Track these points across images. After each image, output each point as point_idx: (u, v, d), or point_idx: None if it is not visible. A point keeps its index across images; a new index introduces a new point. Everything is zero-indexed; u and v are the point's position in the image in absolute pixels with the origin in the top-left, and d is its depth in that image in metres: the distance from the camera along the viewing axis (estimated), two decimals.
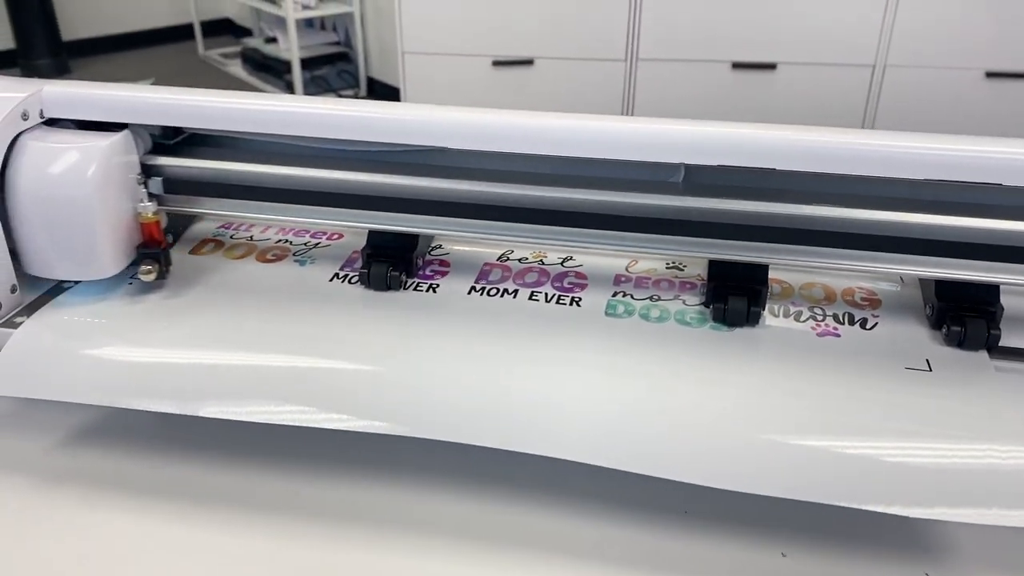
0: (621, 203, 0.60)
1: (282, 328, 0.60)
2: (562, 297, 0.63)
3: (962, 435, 0.49)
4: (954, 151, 0.53)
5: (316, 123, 0.61)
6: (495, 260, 0.68)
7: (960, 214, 0.56)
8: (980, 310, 0.57)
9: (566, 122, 0.58)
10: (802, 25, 2.14)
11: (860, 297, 0.63)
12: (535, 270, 0.67)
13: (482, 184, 0.62)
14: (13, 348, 0.58)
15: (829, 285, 0.64)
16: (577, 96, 2.29)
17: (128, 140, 0.63)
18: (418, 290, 0.64)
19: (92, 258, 0.61)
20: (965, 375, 0.54)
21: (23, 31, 3.59)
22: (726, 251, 0.60)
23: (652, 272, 0.66)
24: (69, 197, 0.59)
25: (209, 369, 0.57)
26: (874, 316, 0.60)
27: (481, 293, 0.64)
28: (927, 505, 0.45)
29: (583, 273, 0.66)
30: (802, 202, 0.58)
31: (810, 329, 0.59)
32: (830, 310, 0.61)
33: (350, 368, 0.56)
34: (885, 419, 0.50)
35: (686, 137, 0.56)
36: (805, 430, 0.50)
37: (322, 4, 3.37)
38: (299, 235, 0.72)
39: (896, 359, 0.55)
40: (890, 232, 0.56)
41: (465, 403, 0.53)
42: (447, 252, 0.69)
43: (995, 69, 2.09)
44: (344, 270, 0.67)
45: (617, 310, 0.61)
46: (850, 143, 0.54)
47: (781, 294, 0.63)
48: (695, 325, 0.59)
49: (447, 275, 0.66)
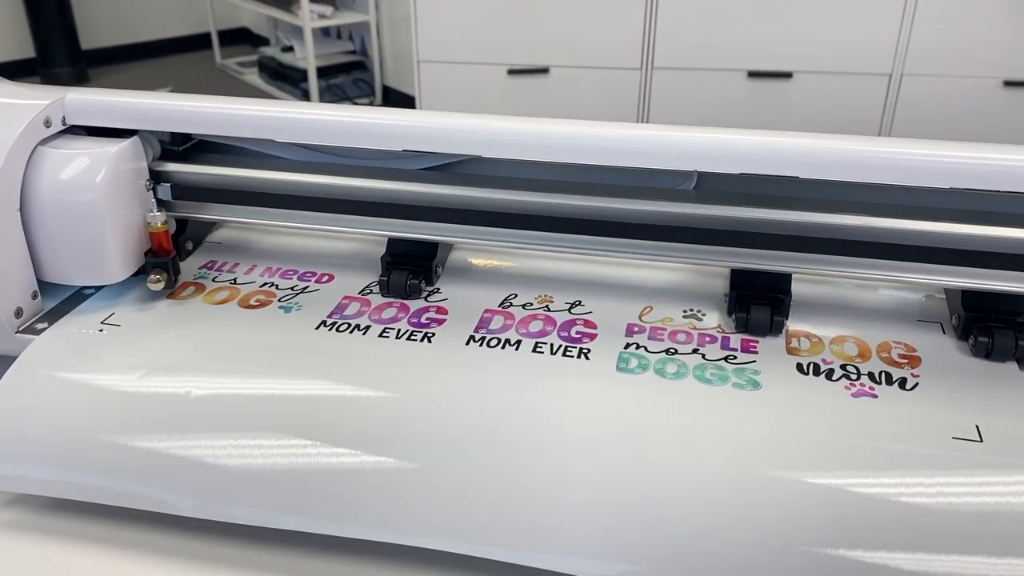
0: (640, 211, 0.60)
1: (258, 404, 0.54)
2: (569, 348, 0.58)
3: None
4: (978, 160, 0.52)
5: (326, 130, 0.61)
6: (496, 307, 0.63)
7: (985, 223, 0.55)
8: (1008, 320, 0.56)
9: (593, 130, 0.57)
10: (818, 34, 2.13)
11: (897, 354, 0.57)
12: (540, 317, 0.62)
13: (499, 192, 0.62)
14: (32, 355, 0.58)
15: (863, 340, 0.59)
16: (592, 105, 2.29)
17: (137, 146, 0.63)
18: (412, 339, 0.60)
19: (101, 263, 0.62)
20: (1019, 447, 0.48)
21: (43, 40, 3.63)
22: (747, 260, 0.59)
23: (667, 322, 0.61)
24: (78, 202, 0.60)
25: (179, 455, 0.51)
26: (914, 376, 0.55)
27: (480, 343, 0.59)
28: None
29: (592, 321, 0.61)
30: (825, 210, 0.57)
31: (844, 388, 0.54)
32: (865, 368, 0.56)
33: (328, 462, 0.50)
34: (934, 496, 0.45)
35: (702, 145, 0.55)
36: (846, 529, 0.44)
37: (338, 13, 3.38)
38: (286, 277, 0.68)
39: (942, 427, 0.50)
40: (915, 241, 0.56)
41: (459, 509, 0.47)
42: (445, 298, 0.65)
43: (1013, 78, 2.07)
44: (332, 317, 0.62)
45: (630, 364, 0.56)
46: (875, 151, 0.53)
47: (810, 349, 0.58)
48: (716, 383, 0.54)
49: (444, 323, 0.62)
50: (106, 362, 0.58)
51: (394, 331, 0.60)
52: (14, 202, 0.58)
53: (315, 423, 0.52)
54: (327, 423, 0.52)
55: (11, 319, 0.60)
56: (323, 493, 0.48)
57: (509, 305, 0.63)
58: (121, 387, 0.55)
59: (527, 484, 0.47)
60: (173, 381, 0.55)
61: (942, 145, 0.52)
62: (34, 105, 0.60)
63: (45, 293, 0.63)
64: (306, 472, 0.49)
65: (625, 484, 0.47)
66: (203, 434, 0.52)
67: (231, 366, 0.57)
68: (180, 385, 0.55)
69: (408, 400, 0.53)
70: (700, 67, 2.21)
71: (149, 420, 0.53)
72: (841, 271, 0.58)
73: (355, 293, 0.65)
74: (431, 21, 2.27)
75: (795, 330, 0.59)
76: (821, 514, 0.44)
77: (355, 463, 0.49)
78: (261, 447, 0.50)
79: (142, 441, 0.51)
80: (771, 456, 0.48)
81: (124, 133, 0.63)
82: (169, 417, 0.53)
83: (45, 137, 0.61)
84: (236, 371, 0.56)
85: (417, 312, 0.63)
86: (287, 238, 0.74)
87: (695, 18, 2.16)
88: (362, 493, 0.48)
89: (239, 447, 0.50)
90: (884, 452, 0.48)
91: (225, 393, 0.55)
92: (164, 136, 0.67)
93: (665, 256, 0.61)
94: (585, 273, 0.67)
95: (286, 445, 0.50)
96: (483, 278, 0.67)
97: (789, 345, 0.58)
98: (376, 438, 0.50)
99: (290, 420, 0.52)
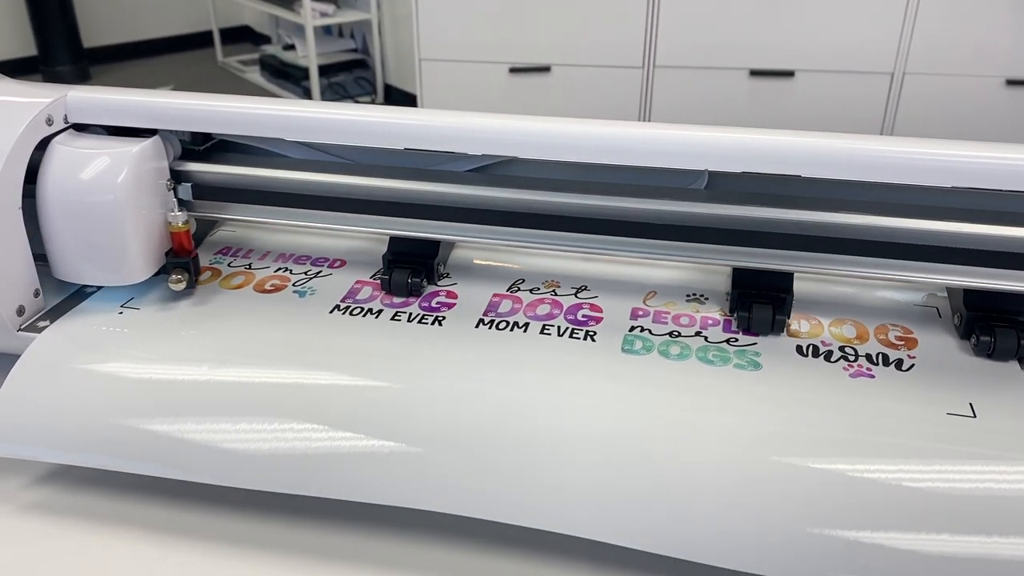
0: (643, 210, 0.60)
1: (275, 373, 0.56)
2: (576, 331, 0.60)
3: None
4: (980, 159, 0.52)
5: (347, 130, 0.61)
6: (504, 291, 0.65)
7: (988, 222, 0.55)
8: (1010, 319, 0.56)
9: (606, 130, 0.57)
10: (820, 32, 2.13)
11: (894, 336, 0.59)
12: (547, 301, 0.64)
13: (500, 191, 0.62)
14: (33, 355, 0.58)
15: (861, 323, 0.60)
16: (594, 103, 2.29)
17: (158, 146, 0.63)
18: (423, 323, 0.61)
19: (122, 263, 0.61)
20: (1015, 423, 0.50)
21: (45, 38, 3.63)
22: (749, 259, 0.59)
23: (671, 306, 0.63)
24: (100, 202, 0.60)
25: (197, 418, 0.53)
26: (910, 357, 0.57)
27: (490, 326, 0.61)
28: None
29: (598, 306, 0.63)
30: (827, 209, 0.57)
31: (842, 370, 0.56)
32: (863, 350, 0.58)
33: (343, 441, 0.51)
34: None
35: (711, 143, 0.55)
36: (845, 509, 0.45)
37: (340, 11, 3.38)
38: (300, 262, 0.70)
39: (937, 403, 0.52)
40: (917, 240, 0.56)
41: (472, 475, 0.48)
42: (455, 282, 0.66)
43: (1015, 77, 2.07)
44: (346, 302, 0.64)
45: (635, 346, 0.58)
46: (885, 151, 0.53)
47: (809, 332, 0.59)
48: (718, 364, 0.56)
49: (454, 307, 0.63)
50: (114, 354, 0.58)
51: (406, 315, 0.62)
52: (16, 200, 0.58)
53: (328, 406, 0.53)
54: (339, 405, 0.53)
55: (13, 317, 0.60)
56: (334, 467, 0.50)
57: (517, 290, 0.65)
58: (133, 374, 0.56)
59: (533, 462, 0.49)
60: (187, 369, 0.56)
61: (944, 144, 0.52)
62: (36, 103, 0.60)
63: (46, 290, 0.63)
64: (319, 449, 0.50)
65: (628, 464, 0.48)
66: (215, 417, 0.53)
67: (248, 352, 0.58)
68: (195, 372, 0.56)
69: (418, 385, 0.55)
70: (702, 66, 2.21)
71: (164, 404, 0.54)
72: (843, 270, 0.58)
73: (367, 278, 0.67)
74: (433, 19, 2.27)
75: (795, 314, 0.61)
76: (821, 494, 0.45)
77: (369, 445, 0.50)
78: (274, 429, 0.51)
79: (155, 424, 0.52)
80: (770, 436, 0.49)
81: (145, 132, 0.63)
82: (184, 401, 0.54)
83: (49, 134, 0.61)
84: (252, 357, 0.58)
85: (428, 296, 0.64)
86: (287, 236, 0.74)
87: (697, 17, 2.16)
88: (375, 466, 0.49)
89: (251, 430, 0.51)
90: (879, 430, 0.50)
91: (237, 380, 0.56)
92: (184, 135, 0.67)
93: (667, 255, 0.61)
94: (589, 268, 0.68)
95: (299, 428, 0.51)
96: (487, 272, 0.68)
97: (789, 328, 0.59)
98: (388, 421, 0.52)
99: (303, 403, 0.53)
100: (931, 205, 0.57)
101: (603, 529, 0.45)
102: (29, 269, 0.61)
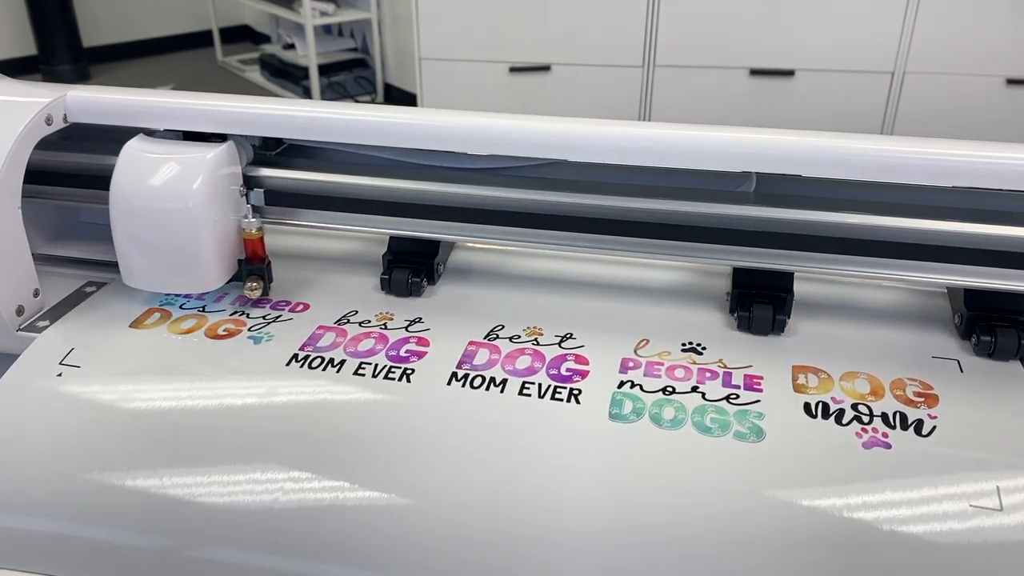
0: (644, 210, 0.60)
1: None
2: (559, 389, 0.54)
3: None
4: (981, 158, 0.52)
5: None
6: (482, 339, 0.59)
7: (988, 222, 0.55)
8: (1011, 319, 0.56)
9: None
10: (820, 32, 2.12)
11: (913, 392, 0.53)
12: (528, 352, 0.57)
13: (501, 190, 0.62)
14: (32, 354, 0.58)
15: (875, 376, 0.55)
16: (594, 103, 2.28)
17: (232, 151, 0.62)
18: (390, 377, 0.55)
19: (196, 270, 0.60)
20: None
21: (45, 38, 3.63)
22: (750, 258, 0.59)
23: (665, 356, 0.57)
24: (175, 209, 0.58)
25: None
26: (931, 417, 0.51)
27: (463, 382, 0.55)
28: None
29: (584, 357, 0.57)
30: (827, 209, 0.57)
31: (855, 436, 0.50)
32: (878, 408, 0.52)
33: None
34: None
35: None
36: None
37: (340, 11, 3.38)
38: (258, 305, 0.64)
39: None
40: (918, 240, 0.56)
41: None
42: (427, 328, 0.60)
43: (1015, 76, 2.07)
44: (305, 350, 0.58)
45: (624, 409, 0.52)
46: (890, 150, 0.53)
47: (818, 387, 0.54)
48: (716, 433, 0.50)
49: (425, 356, 0.57)
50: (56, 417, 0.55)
51: (371, 367, 0.56)
52: (15, 200, 0.58)
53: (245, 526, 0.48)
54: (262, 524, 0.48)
55: (12, 317, 0.60)
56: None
57: (495, 337, 0.59)
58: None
59: (517, 553, 0.45)
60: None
61: (944, 144, 0.52)
62: (35, 103, 0.60)
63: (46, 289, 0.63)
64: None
65: (619, 556, 0.45)
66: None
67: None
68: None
69: (376, 489, 0.49)
70: (702, 65, 2.21)
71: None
72: (843, 269, 0.58)
73: (331, 323, 0.61)
74: (433, 18, 2.27)
75: (802, 365, 0.55)
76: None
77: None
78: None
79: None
80: (773, 535, 0.45)
81: (214, 137, 0.62)
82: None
83: (137, 141, 0.60)
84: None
85: (396, 344, 0.59)
86: (288, 237, 0.73)
87: (697, 15, 2.15)
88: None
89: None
90: (893, 520, 0.45)
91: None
92: (256, 140, 0.66)
93: (667, 255, 0.60)
94: (577, 304, 0.63)
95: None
96: (470, 307, 0.63)
97: (796, 382, 0.54)
98: (335, 538, 0.47)
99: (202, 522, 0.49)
100: (931, 205, 0.57)
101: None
102: (29, 269, 0.61)
